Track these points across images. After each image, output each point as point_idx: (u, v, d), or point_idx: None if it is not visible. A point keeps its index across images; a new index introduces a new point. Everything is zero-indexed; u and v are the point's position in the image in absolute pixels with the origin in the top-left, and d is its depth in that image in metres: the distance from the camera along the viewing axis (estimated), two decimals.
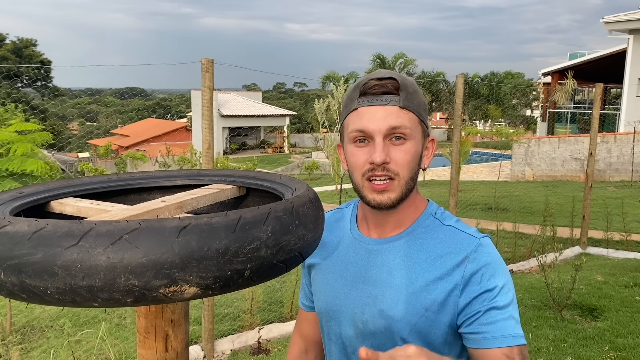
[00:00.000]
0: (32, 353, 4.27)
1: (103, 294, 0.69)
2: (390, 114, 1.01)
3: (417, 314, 1.02)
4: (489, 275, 1.00)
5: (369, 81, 1.03)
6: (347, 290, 1.12)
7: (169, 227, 0.71)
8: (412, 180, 1.05)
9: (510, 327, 0.98)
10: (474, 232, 1.07)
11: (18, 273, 0.69)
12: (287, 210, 0.86)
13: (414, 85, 1.05)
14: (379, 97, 1.02)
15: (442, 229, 1.08)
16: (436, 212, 1.12)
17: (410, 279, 1.04)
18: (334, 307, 1.14)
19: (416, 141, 1.04)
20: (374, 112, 1.02)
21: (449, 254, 1.03)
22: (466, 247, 1.03)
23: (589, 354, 3.70)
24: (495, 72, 33.88)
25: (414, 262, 1.05)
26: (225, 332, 4.49)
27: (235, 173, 1.25)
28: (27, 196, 1.01)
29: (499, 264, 1.03)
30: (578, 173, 14.62)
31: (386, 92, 1.02)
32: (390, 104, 1.01)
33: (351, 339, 1.11)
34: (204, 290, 0.74)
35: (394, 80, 1.02)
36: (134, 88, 35.73)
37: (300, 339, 1.34)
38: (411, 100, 1.03)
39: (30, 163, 4.71)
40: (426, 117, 1.08)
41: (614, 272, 5.67)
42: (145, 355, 0.95)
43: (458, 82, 5.36)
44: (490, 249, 1.04)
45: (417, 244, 1.07)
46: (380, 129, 1.01)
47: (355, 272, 1.12)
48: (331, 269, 1.16)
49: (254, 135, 36.30)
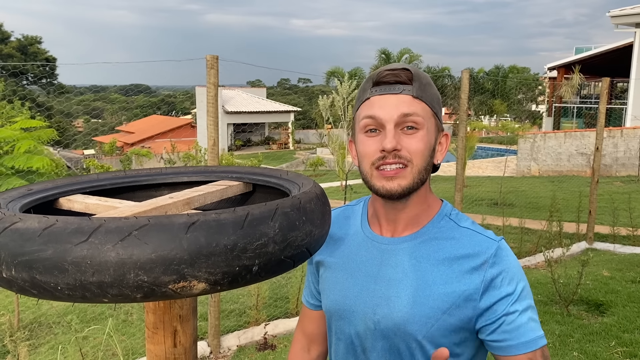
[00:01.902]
0: (40, 349, 4.31)
1: (113, 289, 0.70)
2: (402, 102, 1.00)
3: (434, 316, 1.00)
4: (509, 279, 1.00)
5: (382, 71, 1.03)
6: (359, 290, 1.09)
7: (177, 223, 0.72)
8: (425, 170, 1.02)
9: (531, 330, 0.98)
10: (491, 234, 1.06)
11: (29, 269, 0.70)
12: (295, 206, 0.86)
13: (428, 78, 1.05)
14: (392, 86, 1.01)
15: (459, 231, 1.06)
16: (451, 213, 1.10)
17: (426, 280, 1.02)
18: (344, 307, 1.11)
19: (429, 132, 1.02)
20: (385, 100, 1.01)
21: (467, 257, 1.02)
22: (485, 250, 1.02)
23: (596, 349, 3.70)
24: (501, 66, 33.76)
25: (431, 264, 1.03)
26: (232, 328, 4.50)
27: (241, 169, 1.25)
28: (36, 193, 1.02)
29: (517, 267, 1.02)
30: (584, 168, 14.56)
31: (399, 81, 1.01)
32: (403, 93, 1.00)
33: (362, 339, 1.09)
34: (213, 286, 0.74)
35: (407, 71, 1.02)
36: (138, 85, 35.83)
37: (303, 336, 1.33)
38: (424, 91, 1.02)
39: (36, 160, 4.74)
40: (440, 111, 1.07)
41: (621, 267, 5.65)
42: (154, 350, 0.96)
43: (463, 77, 5.34)
44: (509, 252, 1.03)
45: (433, 244, 1.05)
46: (392, 116, 1.00)
47: (367, 272, 1.09)
48: (341, 268, 1.14)
49: (259, 132, 36.33)
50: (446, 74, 30.02)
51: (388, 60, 29.80)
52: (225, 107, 31.07)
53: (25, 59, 40.01)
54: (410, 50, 30.73)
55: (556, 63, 23.00)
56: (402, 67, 1.02)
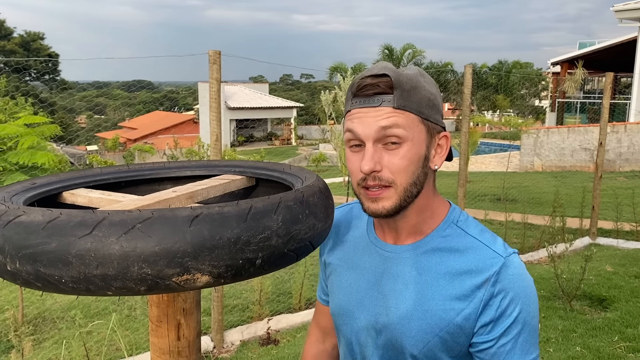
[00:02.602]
0: (44, 344, 4.33)
1: (117, 282, 0.70)
2: (381, 116, 0.92)
3: (431, 332, 0.97)
4: (508, 300, 0.94)
5: (361, 80, 0.95)
6: (361, 297, 1.06)
7: (181, 216, 0.72)
8: (412, 186, 0.96)
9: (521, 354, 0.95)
10: (500, 248, 0.98)
11: (33, 262, 0.70)
12: (298, 199, 0.86)
13: (414, 80, 0.94)
14: (371, 99, 0.93)
15: (465, 240, 1.00)
16: (459, 219, 1.03)
17: (425, 295, 0.98)
18: (347, 312, 1.09)
19: (416, 143, 0.94)
20: (364, 115, 0.94)
21: (469, 273, 0.96)
22: (489, 266, 0.96)
23: (599, 344, 3.69)
24: (504, 61, 33.65)
25: (431, 277, 0.99)
26: (235, 323, 4.52)
27: (244, 164, 1.25)
28: (40, 187, 1.02)
29: (521, 287, 0.96)
30: (587, 163, 14.52)
31: (378, 92, 0.93)
32: (382, 105, 0.92)
33: (362, 347, 1.07)
34: (216, 279, 0.74)
35: (387, 77, 0.93)
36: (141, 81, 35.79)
37: (318, 329, 1.32)
38: (408, 99, 0.93)
39: (40, 156, 4.75)
40: (434, 113, 0.97)
41: (624, 262, 5.64)
42: (157, 343, 0.96)
43: (466, 72, 5.33)
44: (514, 270, 0.96)
45: (436, 256, 1.00)
46: (369, 133, 0.93)
47: (369, 279, 1.06)
48: (346, 272, 1.11)
49: (261, 128, 36.32)
50: (449, 69, 29.94)
51: (391, 55, 29.75)
52: (227, 103, 31.07)
53: (28, 55, 40.06)
54: (414, 46, 30.66)
55: (559, 58, 22.92)
56: (382, 72, 0.93)
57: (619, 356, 3.52)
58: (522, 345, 0.95)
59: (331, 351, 1.30)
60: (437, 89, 1.00)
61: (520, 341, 0.95)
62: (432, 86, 0.98)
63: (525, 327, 0.95)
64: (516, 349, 0.95)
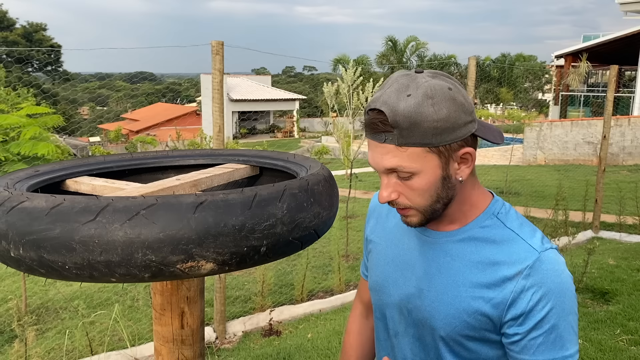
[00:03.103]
0: (48, 334, 4.35)
1: (120, 269, 0.70)
2: (387, 153, 0.93)
3: (459, 317, 0.99)
4: (540, 295, 0.94)
5: (367, 111, 0.95)
6: (397, 276, 1.10)
7: (185, 203, 0.71)
8: (435, 203, 0.98)
9: (554, 349, 0.95)
10: (537, 243, 0.98)
11: (37, 248, 0.70)
12: (302, 187, 0.86)
13: (412, 116, 0.89)
14: (376, 135, 0.94)
15: (502, 233, 1.00)
16: (500, 210, 1.04)
17: (456, 281, 1.00)
18: (383, 289, 1.12)
19: (426, 172, 0.94)
20: (374, 149, 0.95)
21: (503, 264, 0.97)
22: (523, 260, 0.96)
23: (601, 337, 3.69)
24: (507, 54, 33.50)
25: (464, 265, 1.00)
26: (237, 314, 4.53)
27: (248, 152, 1.25)
28: (43, 174, 1.02)
29: (555, 282, 0.95)
30: (591, 157, 14.48)
31: (380, 130, 0.92)
32: (387, 142, 0.92)
33: (395, 323, 1.11)
34: (221, 266, 0.74)
35: (382, 115, 0.91)
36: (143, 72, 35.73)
37: (361, 304, 1.36)
38: (408, 136, 0.90)
39: (42, 146, 4.74)
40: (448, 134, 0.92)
41: (627, 256, 5.63)
42: (161, 332, 0.96)
43: (470, 64, 5.30)
44: (549, 265, 0.96)
45: (472, 244, 1.01)
46: (380, 168, 0.96)
47: (406, 260, 1.09)
48: (385, 250, 1.14)
49: (264, 120, 36.26)
50: (452, 62, 29.82)
51: (395, 48, 29.62)
52: (230, 95, 31.00)
53: (31, 46, 40.00)
54: (417, 38, 30.54)
55: (563, 51, 22.78)
56: (378, 107, 0.91)
57: (621, 349, 3.52)
58: (554, 340, 0.95)
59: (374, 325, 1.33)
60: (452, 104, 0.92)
61: (553, 337, 0.95)
62: (442, 108, 0.90)
63: (558, 323, 0.95)
64: (548, 343, 0.95)
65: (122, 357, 3.64)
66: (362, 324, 1.34)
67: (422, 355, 1.07)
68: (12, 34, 41.25)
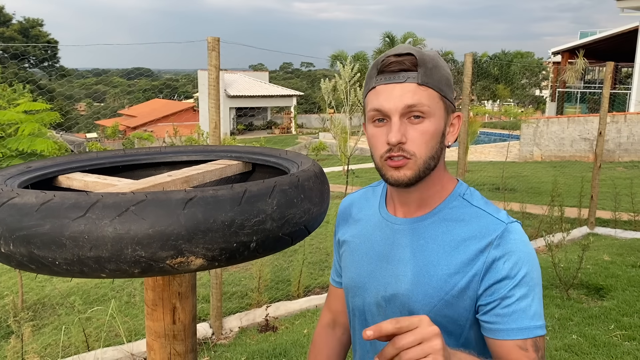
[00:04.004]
0: (44, 330, 4.35)
1: (110, 264, 0.70)
2: (407, 92, 0.98)
3: (437, 296, 1.02)
4: (512, 262, 0.98)
5: (386, 58, 1.00)
6: (372, 268, 1.12)
7: (175, 199, 0.72)
8: (431, 159, 1.02)
9: (526, 317, 0.97)
10: (503, 216, 1.04)
11: (27, 244, 0.70)
12: (293, 184, 0.86)
13: (435, 60, 1.01)
14: (396, 75, 0.99)
15: (470, 211, 1.05)
16: (465, 192, 1.09)
17: (431, 261, 1.03)
18: (358, 284, 1.14)
19: (436, 118, 1.00)
20: (390, 90, 0.99)
21: (473, 238, 1.01)
22: (492, 231, 1.01)
23: (595, 332, 3.72)
24: (505, 51, 33.50)
25: (438, 245, 1.04)
26: (233, 310, 4.54)
27: (241, 149, 1.25)
28: (35, 170, 1.02)
29: (525, 252, 1.00)
30: (587, 153, 14.51)
31: (404, 69, 0.99)
32: (407, 81, 0.98)
33: (374, 316, 1.12)
34: (210, 262, 0.74)
35: (412, 56, 0.99)
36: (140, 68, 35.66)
37: (329, 313, 1.36)
38: (430, 76, 0.99)
39: (39, 142, 4.74)
40: (450, 92, 1.04)
41: (622, 252, 5.66)
42: (153, 327, 0.97)
43: (467, 60, 5.30)
44: (517, 235, 1.01)
45: (443, 226, 1.05)
46: (396, 107, 0.98)
47: (380, 251, 1.12)
48: (358, 247, 1.17)
49: (261, 116, 36.21)
50: (449, 58, 29.80)
51: (392, 44, 29.58)
52: (227, 91, 30.94)
53: (27, 42, 39.85)
54: (414, 34, 30.51)
55: (560, 47, 22.80)
56: (406, 51, 0.99)
57: (615, 344, 3.54)
58: (526, 309, 0.97)
59: (341, 336, 1.35)
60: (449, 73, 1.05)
61: (525, 305, 0.97)
62: (447, 67, 1.04)
63: (530, 292, 0.98)
64: (520, 311, 0.97)
65: (119, 352, 3.65)
66: (328, 336, 1.35)
67: None
68: (8, 30, 41.08)
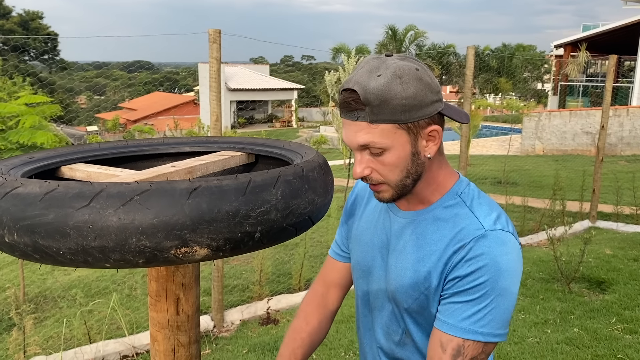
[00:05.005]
0: (46, 322, 4.36)
1: (115, 254, 0.70)
2: (359, 131, 0.98)
3: (417, 290, 1.05)
4: (474, 267, 0.97)
5: (341, 92, 1.00)
6: (375, 254, 1.16)
7: (179, 188, 0.71)
8: (405, 179, 1.02)
9: (464, 320, 0.97)
10: (488, 222, 1.02)
11: (31, 234, 0.70)
12: (297, 174, 0.86)
13: (383, 93, 0.94)
14: (349, 113, 0.99)
15: (461, 212, 1.05)
16: (463, 190, 1.09)
17: (417, 257, 1.06)
18: (364, 267, 1.19)
19: (397, 148, 0.99)
20: (348, 127, 1.00)
21: (453, 239, 1.02)
22: (469, 235, 1.00)
23: (596, 325, 3.72)
24: (507, 44, 33.37)
25: (426, 242, 1.06)
26: (235, 302, 4.54)
27: (244, 140, 1.25)
28: (38, 161, 1.02)
29: (492, 261, 0.97)
30: (589, 147, 14.49)
31: (352, 108, 0.97)
32: (359, 119, 0.97)
33: (376, 298, 1.17)
34: (215, 252, 0.74)
35: (355, 94, 0.96)
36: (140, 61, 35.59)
37: (323, 284, 1.38)
38: (379, 113, 0.95)
39: (40, 135, 4.73)
40: (416, 111, 0.97)
41: (623, 245, 5.65)
42: (156, 318, 0.97)
43: (469, 53, 5.28)
44: (492, 243, 0.99)
45: (434, 224, 1.07)
46: (352, 145, 1.01)
47: (381, 239, 1.16)
48: (365, 231, 1.20)
49: (262, 109, 36.14)
50: (451, 52, 29.71)
51: (395, 37, 29.45)
52: (228, 84, 30.88)
53: (27, 35, 39.76)
54: (416, 27, 30.36)
55: (563, 41, 22.71)
56: (350, 87, 0.96)
57: (616, 337, 3.54)
58: (467, 309, 0.98)
59: (332, 307, 1.36)
60: (419, 83, 0.97)
61: (468, 307, 0.98)
62: (410, 86, 0.96)
63: (484, 298, 0.97)
64: (460, 310, 0.98)
65: (120, 345, 3.66)
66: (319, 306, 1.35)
67: (394, 327, 1.14)
68: (8, 22, 40.97)
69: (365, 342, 1.24)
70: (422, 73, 0.98)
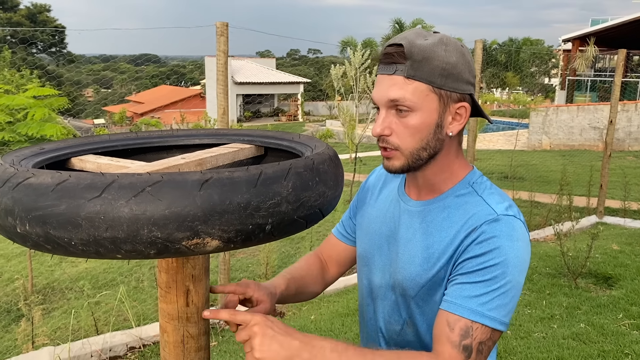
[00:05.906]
0: (54, 313, 4.40)
1: (126, 245, 0.70)
2: (393, 85, 0.98)
3: (425, 277, 1.04)
4: (487, 248, 0.96)
5: (385, 47, 1.01)
6: (381, 243, 1.16)
7: (191, 180, 0.71)
8: (421, 150, 1.01)
9: (472, 300, 0.94)
10: (500, 208, 1.01)
11: (43, 224, 0.70)
12: (308, 166, 0.86)
13: (427, 51, 0.96)
14: (387, 66, 0.99)
15: (473, 200, 1.04)
16: (476, 180, 1.08)
17: (427, 244, 1.05)
18: (369, 256, 1.19)
19: (424, 112, 0.99)
20: (381, 82, 1.01)
21: (464, 225, 1.01)
22: (481, 219, 0.99)
23: (603, 321, 3.71)
24: (514, 38, 33.18)
25: (436, 229, 1.05)
26: None
27: (253, 132, 1.24)
28: (48, 152, 1.02)
29: (505, 245, 0.96)
30: (596, 142, 14.40)
31: (393, 61, 0.98)
32: (396, 74, 0.98)
33: (379, 287, 1.16)
34: (226, 244, 0.74)
35: (401, 47, 0.97)
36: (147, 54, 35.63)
37: (318, 258, 1.37)
38: (418, 69, 0.97)
39: (48, 127, 4.74)
40: (452, 81, 0.99)
41: (631, 241, 5.63)
42: (166, 309, 0.97)
43: (476, 47, 5.25)
44: (505, 227, 0.97)
45: (445, 212, 1.05)
46: (382, 100, 1.00)
47: (389, 228, 1.15)
48: (374, 219, 1.20)
49: (268, 103, 36.13)
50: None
51: (402, 30, 29.35)
52: (234, 78, 30.87)
53: (35, 27, 39.87)
54: (423, 21, 30.28)
55: (571, 35, 22.52)
56: (398, 41, 0.98)
57: (623, 333, 3.53)
58: (476, 290, 0.95)
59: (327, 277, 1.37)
60: (461, 57, 1.00)
61: (477, 287, 0.95)
62: (452, 55, 0.98)
63: (494, 282, 0.94)
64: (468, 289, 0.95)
65: (127, 336, 3.68)
66: (315, 259, 1.36)
67: (396, 317, 1.13)
68: (16, 15, 41.11)
69: (367, 330, 1.24)
70: (466, 51, 1.02)
